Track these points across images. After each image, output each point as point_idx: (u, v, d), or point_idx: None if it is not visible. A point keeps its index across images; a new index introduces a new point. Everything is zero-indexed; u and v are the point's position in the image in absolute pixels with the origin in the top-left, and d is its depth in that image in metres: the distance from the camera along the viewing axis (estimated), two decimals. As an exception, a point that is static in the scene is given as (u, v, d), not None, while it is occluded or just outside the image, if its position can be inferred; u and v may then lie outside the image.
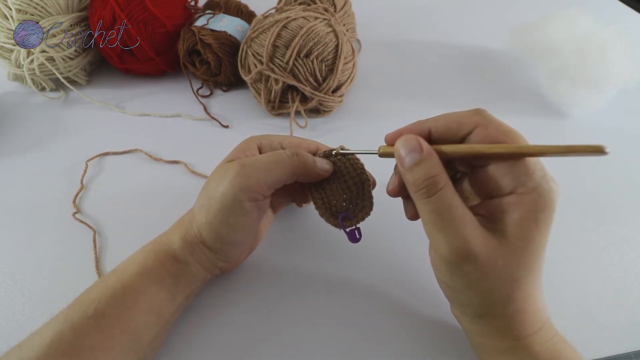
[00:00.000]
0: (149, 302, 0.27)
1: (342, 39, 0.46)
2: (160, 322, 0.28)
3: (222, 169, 0.29)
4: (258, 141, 0.31)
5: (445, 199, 0.23)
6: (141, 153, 0.44)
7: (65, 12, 0.49)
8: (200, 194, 0.30)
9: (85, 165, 0.42)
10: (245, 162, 0.28)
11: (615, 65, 0.48)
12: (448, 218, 0.23)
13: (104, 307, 0.26)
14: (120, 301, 0.27)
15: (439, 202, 0.23)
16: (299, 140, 0.32)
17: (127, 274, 0.28)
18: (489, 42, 0.62)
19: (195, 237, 0.29)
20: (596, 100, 0.49)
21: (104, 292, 0.27)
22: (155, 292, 0.28)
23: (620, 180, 0.43)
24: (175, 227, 0.31)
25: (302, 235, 0.37)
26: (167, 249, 0.30)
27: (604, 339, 0.31)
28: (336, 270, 0.35)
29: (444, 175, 0.24)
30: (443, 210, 0.23)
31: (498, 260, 0.23)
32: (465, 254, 0.22)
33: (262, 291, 0.33)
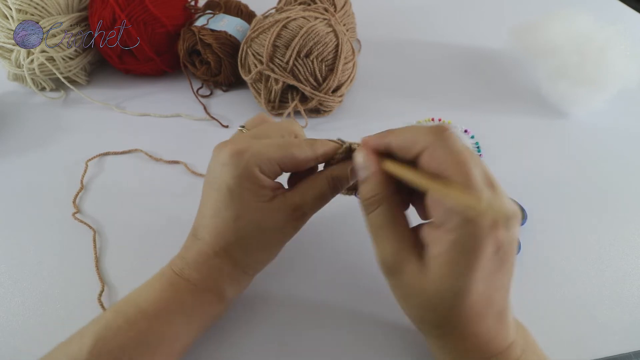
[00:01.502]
0: (183, 346, 0.27)
1: (342, 39, 0.46)
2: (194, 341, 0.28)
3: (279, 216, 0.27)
4: (258, 167, 0.27)
5: (378, 218, 0.25)
6: (141, 153, 0.44)
7: (65, 12, 0.49)
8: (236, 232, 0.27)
9: (85, 165, 0.42)
10: (306, 210, 0.28)
11: (615, 65, 0.48)
12: (379, 235, 0.25)
13: (135, 356, 0.24)
14: (154, 350, 0.25)
15: (373, 219, 0.25)
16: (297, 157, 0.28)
17: (161, 320, 0.26)
18: (489, 42, 0.62)
19: (241, 271, 0.28)
20: (596, 100, 0.49)
21: (136, 337, 0.25)
22: (192, 335, 0.27)
23: (620, 180, 0.43)
24: (205, 265, 0.27)
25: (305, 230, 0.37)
26: (212, 296, 0.28)
27: (604, 339, 0.31)
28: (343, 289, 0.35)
29: (383, 194, 0.25)
30: (376, 227, 0.25)
31: (416, 284, 0.24)
32: (392, 267, 0.24)
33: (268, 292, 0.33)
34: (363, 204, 0.26)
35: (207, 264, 0.27)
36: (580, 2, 0.64)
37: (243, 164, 0.26)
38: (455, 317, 0.23)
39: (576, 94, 0.49)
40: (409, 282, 0.24)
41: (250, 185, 0.27)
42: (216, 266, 0.27)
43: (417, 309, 0.25)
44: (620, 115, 0.51)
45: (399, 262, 0.24)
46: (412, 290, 0.24)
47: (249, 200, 0.27)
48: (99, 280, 0.34)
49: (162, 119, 0.49)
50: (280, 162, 0.27)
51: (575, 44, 0.50)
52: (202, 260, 0.27)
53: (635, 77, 0.49)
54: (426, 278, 0.23)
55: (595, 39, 0.50)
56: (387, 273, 0.25)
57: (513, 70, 0.57)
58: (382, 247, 0.25)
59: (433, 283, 0.23)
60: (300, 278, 0.34)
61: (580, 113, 0.50)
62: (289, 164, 0.28)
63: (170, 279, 0.27)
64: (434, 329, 0.25)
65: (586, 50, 0.49)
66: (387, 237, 0.25)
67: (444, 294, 0.23)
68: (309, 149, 0.28)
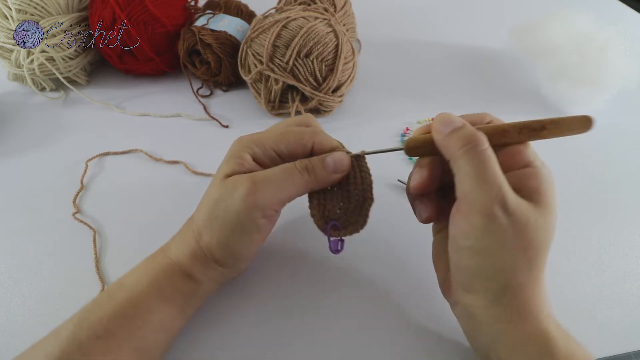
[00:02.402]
0: (159, 321, 0.27)
1: (342, 39, 0.46)
2: (169, 338, 0.28)
3: (230, 186, 0.27)
4: (250, 150, 0.29)
5: (491, 155, 0.24)
6: (141, 153, 0.44)
7: (65, 12, 0.49)
8: (201, 209, 0.29)
9: (85, 165, 0.42)
10: (256, 178, 0.27)
11: (615, 65, 0.48)
12: (493, 172, 0.24)
13: (113, 328, 0.25)
14: (131, 321, 0.26)
15: (486, 156, 0.24)
16: (294, 140, 0.29)
17: (136, 292, 0.27)
18: (489, 42, 0.62)
19: (206, 256, 0.29)
20: (596, 100, 0.49)
21: (113, 311, 0.26)
22: (166, 310, 0.28)
23: (620, 180, 0.43)
24: (181, 242, 0.30)
25: (305, 228, 0.37)
26: (178, 268, 0.29)
27: (604, 339, 0.31)
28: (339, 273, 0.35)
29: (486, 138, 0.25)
30: (489, 164, 0.24)
31: (529, 218, 0.24)
32: (505, 205, 0.23)
33: (269, 287, 0.33)
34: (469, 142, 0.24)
35: (186, 242, 0.29)
36: (580, 2, 0.64)
37: (236, 144, 0.29)
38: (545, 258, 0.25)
39: (576, 94, 0.49)
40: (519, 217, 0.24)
41: (230, 161, 0.28)
42: (190, 245, 0.29)
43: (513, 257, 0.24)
44: (620, 115, 0.51)
45: (512, 197, 0.24)
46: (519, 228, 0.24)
47: (222, 174, 0.29)
48: (99, 280, 0.34)
49: (162, 119, 0.49)
50: (275, 147, 0.29)
51: (575, 44, 0.50)
52: (184, 238, 0.29)
53: (635, 77, 0.49)
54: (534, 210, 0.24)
55: (595, 39, 0.50)
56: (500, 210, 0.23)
57: (513, 70, 0.57)
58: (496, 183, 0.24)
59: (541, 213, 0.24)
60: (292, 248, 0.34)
61: (580, 113, 0.50)
62: (285, 151, 0.29)
63: (155, 255, 0.30)
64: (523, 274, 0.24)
65: (586, 50, 0.49)
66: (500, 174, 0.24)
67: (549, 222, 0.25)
68: (308, 134, 0.29)
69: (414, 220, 0.31)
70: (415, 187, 0.28)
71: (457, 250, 0.26)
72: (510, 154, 0.26)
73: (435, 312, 0.32)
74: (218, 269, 0.29)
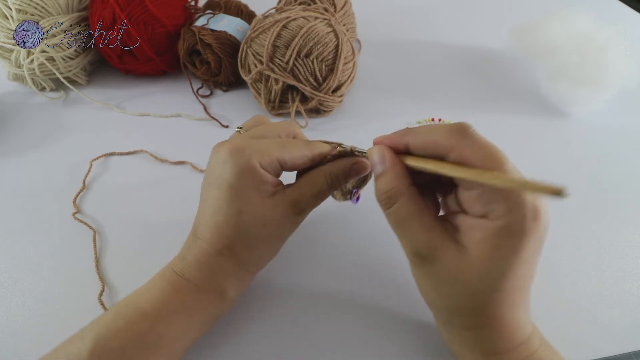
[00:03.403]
0: (183, 346, 0.27)
1: (342, 39, 0.46)
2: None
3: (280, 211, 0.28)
4: (258, 162, 0.27)
5: (401, 210, 0.25)
6: (144, 153, 0.44)
7: (65, 12, 0.49)
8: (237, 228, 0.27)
9: (89, 165, 0.42)
10: (303, 205, 0.29)
11: (615, 65, 0.48)
12: (406, 226, 0.25)
13: (134, 357, 0.24)
14: (154, 351, 0.25)
15: (396, 213, 0.25)
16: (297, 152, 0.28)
17: (161, 321, 0.26)
18: (489, 42, 0.62)
19: (244, 270, 0.28)
20: (596, 100, 0.49)
21: (135, 339, 0.25)
22: (192, 335, 0.27)
23: (620, 180, 0.43)
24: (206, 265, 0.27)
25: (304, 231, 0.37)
26: (214, 296, 0.28)
27: (604, 339, 0.31)
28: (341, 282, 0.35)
29: (401, 187, 0.25)
30: (400, 220, 0.25)
31: (455, 269, 0.23)
32: (425, 255, 0.24)
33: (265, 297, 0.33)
34: (381, 198, 0.25)
35: (209, 263, 0.27)
36: (580, 2, 0.64)
37: (244, 160, 0.27)
38: (493, 303, 0.23)
39: (576, 94, 0.49)
40: (446, 267, 0.23)
41: (252, 181, 0.27)
42: (218, 264, 0.27)
43: (452, 298, 0.24)
44: (620, 115, 0.50)
45: (433, 248, 0.24)
46: (449, 276, 0.23)
47: (251, 196, 0.27)
48: (99, 280, 0.34)
49: (162, 119, 0.49)
50: (280, 159, 0.28)
51: (575, 44, 0.50)
52: (203, 259, 0.27)
53: (635, 77, 0.49)
54: (466, 262, 0.23)
55: (595, 39, 0.50)
56: (420, 262, 0.24)
57: (513, 70, 0.57)
58: (412, 237, 0.24)
59: (474, 266, 0.23)
60: (303, 272, 0.34)
61: (580, 113, 0.50)
62: (288, 162, 0.28)
63: (171, 279, 0.27)
64: (467, 318, 0.24)
65: (586, 50, 0.49)
66: (415, 226, 0.24)
67: (486, 278, 0.23)
68: (306, 148, 0.29)
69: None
70: None
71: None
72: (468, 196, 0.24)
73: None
74: (250, 278, 0.30)
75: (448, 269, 0.23)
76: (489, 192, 0.22)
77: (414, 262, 0.25)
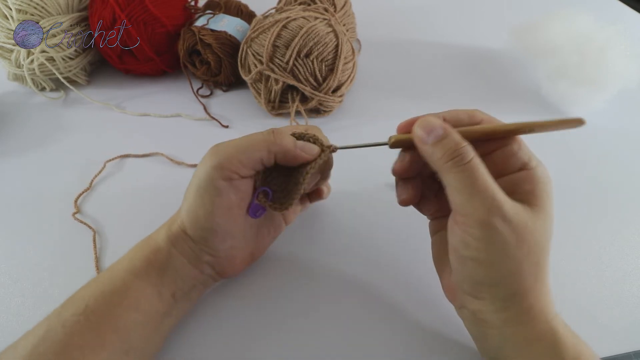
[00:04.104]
0: (135, 299, 0.27)
1: (342, 39, 0.46)
2: (149, 322, 0.27)
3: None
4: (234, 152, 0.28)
5: (479, 165, 0.24)
6: (159, 156, 0.44)
7: (65, 12, 0.49)
8: None
9: (103, 165, 0.43)
10: (220, 143, 0.29)
11: (615, 65, 0.48)
12: (483, 182, 0.23)
13: (93, 305, 0.26)
14: (108, 298, 0.26)
15: (473, 168, 0.24)
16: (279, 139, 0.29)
17: (116, 271, 0.28)
18: (489, 42, 0.62)
19: (179, 228, 0.29)
20: (596, 100, 0.49)
21: (94, 289, 0.27)
22: (141, 287, 0.27)
23: (620, 180, 0.43)
24: (165, 223, 0.31)
25: (303, 228, 0.37)
26: (153, 244, 0.29)
27: (604, 339, 0.31)
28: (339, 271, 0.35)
29: (467, 145, 0.24)
30: (478, 175, 0.24)
31: (527, 222, 0.24)
32: (502, 214, 0.23)
33: (267, 289, 0.33)
34: (454, 156, 0.24)
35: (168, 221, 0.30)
36: (580, 2, 0.64)
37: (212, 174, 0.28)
38: (545, 266, 0.25)
39: (576, 94, 0.49)
40: (517, 224, 0.23)
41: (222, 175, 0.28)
42: (169, 221, 0.30)
43: (517, 263, 0.24)
44: (620, 115, 0.50)
45: (507, 205, 0.23)
46: (519, 235, 0.23)
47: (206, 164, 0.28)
48: (99, 280, 0.34)
49: (162, 119, 0.49)
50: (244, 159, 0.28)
51: (575, 44, 0.50)
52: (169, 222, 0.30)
53: (635, 77, 0.49)
54: (531, 214, 0.24)
55: (595, 39, 0.50)
56: (497, 219, 0.23)
57: (513, 70, 0.57)
58: (489, 194, 0.23)
59: (538, 217, 0.24)
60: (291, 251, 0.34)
61: (580, 113, 0.50)
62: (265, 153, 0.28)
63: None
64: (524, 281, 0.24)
65: (586, 50, 0.49)
66: (491, 184, 0.24)
67: (547, 224, 0.24)
68: (290, 139, 0.29)
69: (414, 219, 0.31)
70: (396, 170, 0.29)
71: (459, 259, 0.25)
72: (504, 158, 0.26)
73: (437, 313, 0.32)
74: (188, 242, 0.29)
75: (522, 224, 0.24)
76: (521, 149, 0.26)
77: (488, 224, 0.23)
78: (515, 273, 0.24)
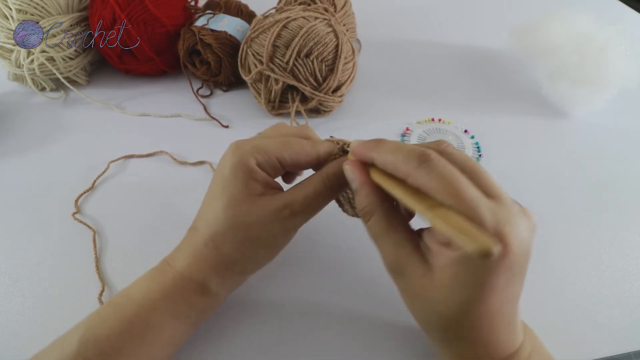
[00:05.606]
0: (169, 338, 0.26)
1: (342, 39, 0.46)
2: (176, 350, 0.28)
3: (266, 212, 0.27)
4: (254, 159, 0.27)
5: (374, 227, 0.25)
6: (163, 155, 0.44)
7: (65, 12, 0.49)
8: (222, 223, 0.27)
9: (107, 166, 0.42)
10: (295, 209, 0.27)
11: (615, 65, 0.48)
12: (379, 242, 0.25)
13: (121, 346, 0.24)
14: (139, 339, 0.25)
15: (370, 229, 0.26)
16: (298, 149, 0.28)
17: (146, 308, 0.26)
18: (489, 42, 0.62)
19: (226, 268, 0.27)
20: (596, 100, 0.49)
21: (121, 328, 0.25)
22: (178, 327, 0.27)
23: (620, 180, 0.43)
24: (190, 254, 0.27)
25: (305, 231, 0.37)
26: (192, 282, 0.27)
27: (604, 339, 0.31)
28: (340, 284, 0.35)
29: (373, 205, 0.25)
30: (374, 235, 0.26)
31: (421, 289, 0.24)
32: (395, 270, 0.25)
33: (266, 292, 0.33)
34: (359, 214, 0.26)
35: (194, 252, 0.27)
36: (580, 2, 0.64)
37: (239, 154, 0.27)
38: (463, 324, 0.23)
39: (576, 94, 0.49)
40: (414, 284, 0.24)
41: (243, 175, 0.27)
42: (202, 255, 0.27)
43: (423, 312, 0.25)
44: (620, 115, 0.51)
45: (402, 265, 0.24)
46: (417, 293, 0.24)
47: (240, 191, 0.27)
48: (99, 280, 0.34)
49: (162, 119, 0.49)
50: (279, 156, 0.27)
51: (575, 44, 0.50)
52: (191, 248, 0.28)
53: (635, 77, 0.49)
54: (432, 284, 0.23)
55: (595, 39, 0.50)
56: (393, 275, 0.26)
57: (513, 70, 0.57)
58: (384, 251, 0.25)
59: (439, 290, 0.22)
60: (298, 280, 0.34)
61: (580, 113, 0.50)
62: (288, 160, 0.28)
63: (161, 268, 0.28)
64: (440, 332, 0.25)
65: (586, 50, 0.49)
66: (387, 242, 0.25)
67: (450, 303, 0.22)
68: (310, 145, 0.28)
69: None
70: None
71: None
72: None
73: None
74: (237, 278, 0.29)
75: (414, 287, 0.24)
76: None
77: (390, 275, 0.26)
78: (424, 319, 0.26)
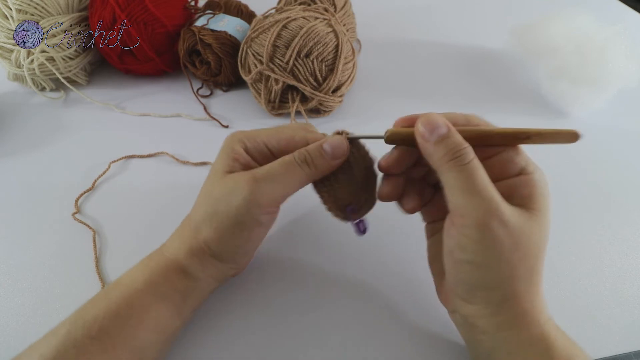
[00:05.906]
0: (154, 320, 0.27)
1: (342, 39, 0.46)
2: (165, 338, 0.28)
3: (231, 184, 0.27)
4: (241, 143, 0.28)
5: (478, 167, 0.24)
6: (163, 155, 0.44)
7: (65, 12, 0.49)
8: (200, 205, 0.28)
9: (108, 166, 0.43)
10: (258, 176, 0.27)
11: (615, 65, 0.48)
12: (482, 184, 0.23)
13: (108, 327, 0.25)
14: (125, 320, 0.26)
15: (473, 169, 0.24)
16: (287, 136, 0.29)
17: (131, 289, 0.27)
18: (489, 42, 0.62)
19: (203, 251, 0.28)
20: (596, 100, 0.49)
21: (108, 309, 0.26)
22: (161, 309, 0.27)
23: (620, 180, 0.43)
24: (177, 239, 0.29)
25: (305, 230, 0.37)
26: (174, 264, 0.28)
27: (604, 339, 0.31)
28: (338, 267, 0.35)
29: (469, 147, 0.24)
30: (477, 177, 0.23)
31: (524, 227, 0.24)
32: (499, 216, 0.23)
33: (268, 290, 0.33)
34: (455, 156, 0.24)
35: (180, 236, 0.29)
36: (580, 2, 0.64)
37: (229, 139, 0.29)
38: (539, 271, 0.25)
39: (576, 94, 0.49)
40: (513, 228, 0.23)
41: (225, 157, 0.28)
42: (184, 238, 0.28)
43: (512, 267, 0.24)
44: (621, 115, 0.51)
45: (504, 208, 0.23)
46: (515, 239, 0.23)
47: (218, 171, 0.28)
48: (99, 280, 0.34)
49: (162, 119, 0.49)
50: (267, 142, 0.29)
51: (575, 44, 0.50)
52: (179, 233, 0.29)
53: (635, 77, 0.49)
54: (528, 218, 0.24)
55: (595, 39, 0.50)
56: (494, 222, 0.23)
57: (513, 70, 0.57)
58: (486, 195, 0.23)
59: (535, 221, 0.24)
60: (300, 280, 0.34)
61: (580, 113, 0.50)
62: (276, 145, 0.29)
63: (152, 254, 0.29)
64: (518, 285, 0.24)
65: (586, 50, 0.49)
66: (490, 185, 0.24)
67: (543, 229, 0.24)
68: (301, 133, 0.29)
69: (414, 221, 0.31)
70: (382, 165, 0.28)
71: (453, 263, 0.25)
72: (502, 163, 0.26)
73: (433, 314, 0.32)
74: (217, 264, 0.29)
75: (518, 228, 0.23)
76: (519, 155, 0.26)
77: (485, 226, 0.23)
78: (509, 277, 0.24)
